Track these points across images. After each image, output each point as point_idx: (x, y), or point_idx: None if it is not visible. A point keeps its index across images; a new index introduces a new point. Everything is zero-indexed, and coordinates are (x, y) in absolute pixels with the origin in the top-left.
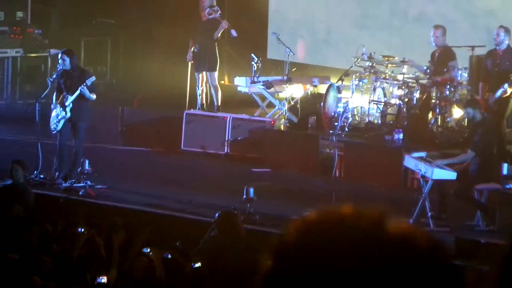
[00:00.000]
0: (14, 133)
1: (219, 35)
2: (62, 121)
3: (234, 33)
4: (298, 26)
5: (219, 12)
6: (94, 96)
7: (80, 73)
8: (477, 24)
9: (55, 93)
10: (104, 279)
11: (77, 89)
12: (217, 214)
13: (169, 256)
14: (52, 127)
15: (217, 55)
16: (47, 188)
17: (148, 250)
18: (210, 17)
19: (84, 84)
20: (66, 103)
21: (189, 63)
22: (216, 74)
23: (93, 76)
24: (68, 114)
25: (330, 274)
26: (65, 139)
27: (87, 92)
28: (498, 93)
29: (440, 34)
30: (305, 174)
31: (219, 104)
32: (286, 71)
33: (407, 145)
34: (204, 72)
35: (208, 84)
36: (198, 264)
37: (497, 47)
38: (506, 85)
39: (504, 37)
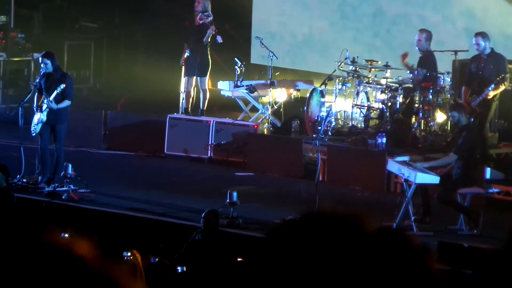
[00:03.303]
0: None
1: (209, 40)
2: (40, 125)
3: (219, 39)
4: (282, 30)
5: (210, 18)
6: (67, 103)
7: (61, 76)
8: (458, 27)
9: (36, 96)
10: None
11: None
12: (203, 214)
13: (156, 260)
14: (32, 129)
15: (209, 60)
16: (29, 192)
17: (129, 254)
18: (201, 22)
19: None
20: (43, 106)
21: (183, 67)
22: (206, 78)
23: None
24: (45, 118)
25: (311, 276)
26: (45, 143)
27: (54, 105)
28: (483, 95)
29: (423, 38)
30: (289, 178)
31: (204, 108)
32: (270, 75)
33: (390, 149)
34: (195, 77)
35: (196, 88)
36: (183, 268)
37: (481, 54)
38: (490, 87)
39: (484, 43)
